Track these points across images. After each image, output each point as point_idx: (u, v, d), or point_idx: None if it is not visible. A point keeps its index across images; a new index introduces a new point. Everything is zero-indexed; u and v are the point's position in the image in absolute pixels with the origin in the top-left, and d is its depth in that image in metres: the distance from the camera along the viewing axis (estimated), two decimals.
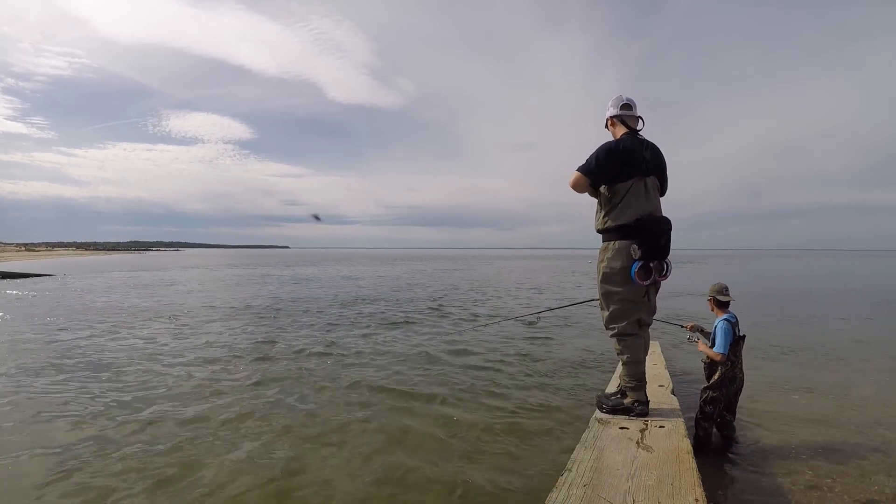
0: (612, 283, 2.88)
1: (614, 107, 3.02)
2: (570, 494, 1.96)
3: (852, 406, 4.21)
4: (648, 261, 2.77)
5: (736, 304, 3.44)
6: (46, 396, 4.31)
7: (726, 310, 3.42)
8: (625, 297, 2.87)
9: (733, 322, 3.35)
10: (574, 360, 5.81)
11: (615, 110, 3.01)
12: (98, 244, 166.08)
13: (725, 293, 3.41)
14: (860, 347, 6.89)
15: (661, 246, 2.81)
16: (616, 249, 2.84)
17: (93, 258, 53.10)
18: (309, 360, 5.74)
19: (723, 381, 3.32)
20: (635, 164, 2.83)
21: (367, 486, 2.77)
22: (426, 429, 3.63)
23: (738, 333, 3.35)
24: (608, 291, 2.91)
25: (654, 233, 2.79)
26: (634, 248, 2.76)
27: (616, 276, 2.85)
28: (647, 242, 2.76)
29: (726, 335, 3.29)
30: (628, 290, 2.85)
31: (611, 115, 3.04)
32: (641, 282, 2.77)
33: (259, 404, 4.12)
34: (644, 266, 2.75)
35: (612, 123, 3.04)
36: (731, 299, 3.42)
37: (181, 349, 6.33)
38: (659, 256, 2.81)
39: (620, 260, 2.82)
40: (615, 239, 2.86)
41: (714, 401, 3.32)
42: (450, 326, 8.38)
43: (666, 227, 2.84)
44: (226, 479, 2.84)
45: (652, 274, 2.80)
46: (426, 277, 23.02)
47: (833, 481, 2.83)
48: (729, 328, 3.30)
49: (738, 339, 3.35)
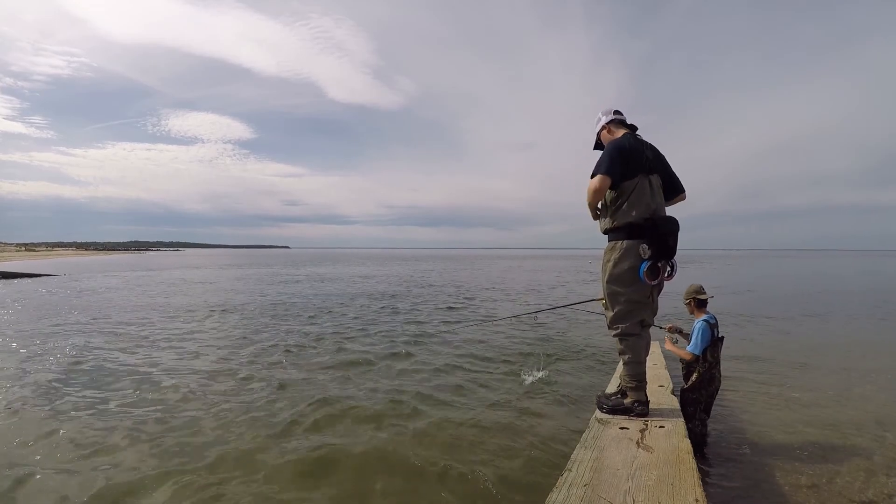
0: (618, 283, 2.85)
1: (606, 115, 3.06)
2: (570, 494, 1.96)
3: (852, 406, 4.21)
4: (657, 261, 2.76)
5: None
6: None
7: (705, 310, 3.47)
8: (631, 297, 2.85)
9: (712, 323, 3.37)
10: (574, 360, 5.81)
11: (609, 117, 3.05)
12: (98, 244, 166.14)
13: (704, 292, 3.49)
14: (860, 347, 6.89)
15: (669, 246, 2.80)
16: (624, 249, 2.82)
17: (94, 258, 53.15)
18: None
19: (701, 383, 3.32)
20: (639, 162, 2.82)
21: None
22: (426, 428, 3.64)
23: (717, 335, 3.37)
24: (614, 291, 2.89)
25: (664, 232, 2.77)
26: (644, 247, 2.74)
27: (623, 276, 2.82)
28: (657, 242, 2.75)
29: (703, 336, 3.32)
30: (635, 291, 2.83)
31: (606, 122, 3.06)
32: (650, 282, 2.76)
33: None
34: (653, 266, 2.75)
35: (609, 130, 3.05)
36: (710, 296, 3.50)
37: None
38: (667, 256, 2.81)
39: (628, 260, 2.79)
40: (622, 238, 2.83)
41: (694, 402, 3.34)
42: (442, 324, 8.40)
43: (675, 227, 2.83)
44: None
45: (660, 274, 2.80)
46: (437, 276, 23.46)
47: (833, 481, 2.83)
48: (707, 329, 3.32)
49: (717, 341, 3.36)
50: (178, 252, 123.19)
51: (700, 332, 3.33)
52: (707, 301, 3.50)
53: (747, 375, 5.15)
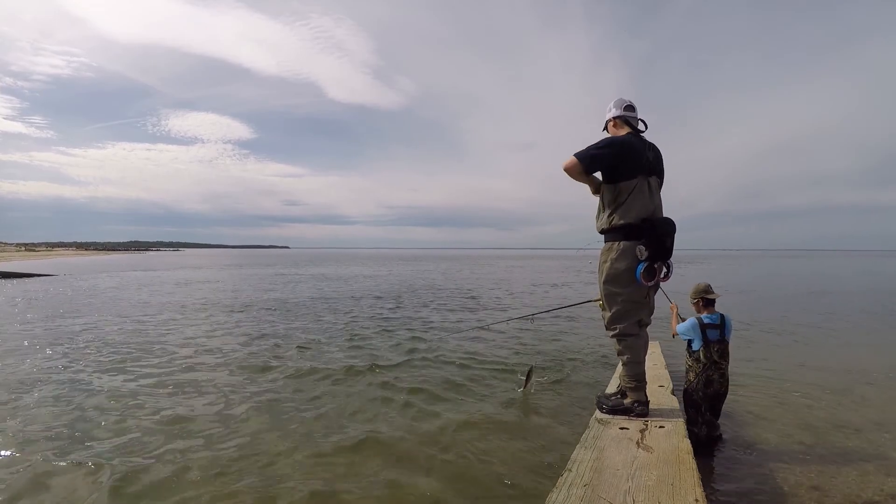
0: (615, 284, 2.86)
1: (617, 108, 2.97)
2: (570, 494, 1.96)
3: (852, 406, 4.21)
4: (654, 262, 2.77)
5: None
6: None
7: (713, 310, 3.37)
8: (628, 297, 2.86)
9: (706, 323, 3.27)
10: (573, 360, 5.81)
11: (618, 111, 2.96)
12: (98, 244, 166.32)
13: (711, 291, 3.36)
14: (860, 347, 6.89)
15: (666, 247, 2.81)
16: (621, 250, 2.82)
17: (94, 258, 53.17)
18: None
19: (697, 384, 3.27)
20: (639, 162, 2.81)
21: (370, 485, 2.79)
22: (423, 427, 3.64)
23: (721, 336, 3.26)
24: (611, 292, 2.90)
25: (661, 234, 2.78)
26: (641, 248, 2.74)
27: (620, 276, 2.83)
28: (654, 243, 2.75)
29: (691, 328, 3.27)
30: (632, 291, 2.84)
31: (613, 115, 2.98)
32: (646, 282, 2.76)
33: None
34: (649, 267, 2.75)
35: (615, 125, 2.99)
36: (717, 295, 3.38)
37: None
38: (664, 257, 2.82)
39: (625, 260, 2.80)
40: (619, 239, 2.83)
41: (693, 404, 3.31)
42: (449, 324, 8.41)
43: (672, 229, 2.83)
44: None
45: (656, 275, 2.80)
46: (440, 276, 23.58)
47: (833, 482, 2.83)
48: (697, 326, 3.26)
49: (716, 342, 3.24)
50: (178, 252, 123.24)
51: (689, 324, 3.29)
52: (714, 301, 3.39)
53: (747, 375, 5.14)
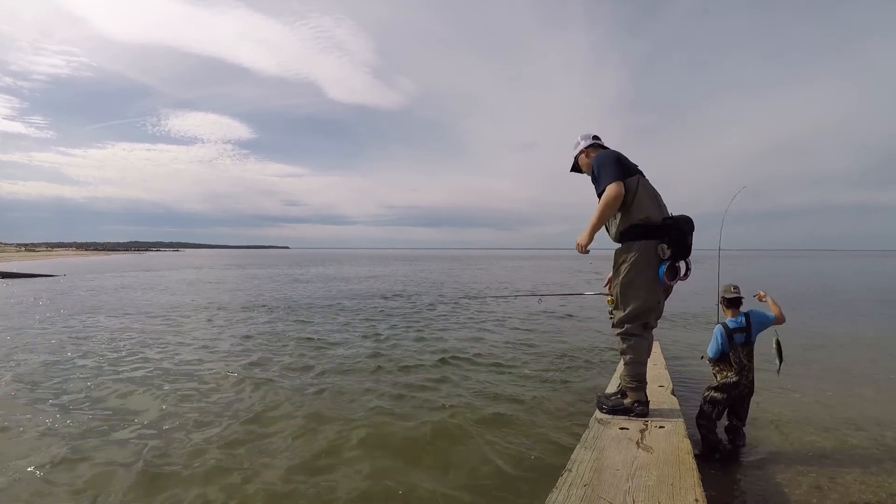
0: (634, 285, 2.82)
1: (585, 140, 3.13)
2: (570, 494, 1.96)
3: (852, 406, 4.21)
4: (676, 260, 2.76)
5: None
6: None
7: (738, 310, 3.26)
8: (644, 298, 2.83)
9: (732, 327, 3.19)
10: (574, 360, 5.81)
11: (588, 142, 3.12)
12: (98, 244, 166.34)
13: (732, 290, 3.27)
14: (860, 347, 6.88)
15: (688, 245, 2.79)
16: (640, 250, 2.78)
17: (95, 259, 53.14)
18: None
19: (724, 385, 3.23)
20: (631, 164, 2.88)
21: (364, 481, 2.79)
22: (421, 426, 3.64)
23: (747, 339, 3.20)
24: (628, 293, 2.85)
25: (684, 231, 2.77)
26: (663, 247, 2.73)
27: (640, 276, 2.79)
28: (677, 242, 2.74)
29: (720, 340, 3.20)
30: (649, 293, 2.82)
31: (586, 146, 3.12)
32: (669, 281, 2.76)
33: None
34: (672, 266, 2.75)
35: (587, 154, 3.11)
36: (741, 296, 3.27)
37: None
38: (685, 255, 2.80)
39: (646, 261, 2.78)
40: (637, 238, 2.80)
41: (713, 401, 3.24)
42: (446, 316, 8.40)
43: (692, 227, 2.82)
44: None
45: (678, 273, 2.79)
46: (442, 276, 23.60)
47: (834, 482, 2.83)
48: (723, 333, 3.18)
49: (740, 346, 3.19)
50: (178, 252, 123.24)
51: (715, 337, 3.22)
52: (740, 300, 3.28)
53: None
